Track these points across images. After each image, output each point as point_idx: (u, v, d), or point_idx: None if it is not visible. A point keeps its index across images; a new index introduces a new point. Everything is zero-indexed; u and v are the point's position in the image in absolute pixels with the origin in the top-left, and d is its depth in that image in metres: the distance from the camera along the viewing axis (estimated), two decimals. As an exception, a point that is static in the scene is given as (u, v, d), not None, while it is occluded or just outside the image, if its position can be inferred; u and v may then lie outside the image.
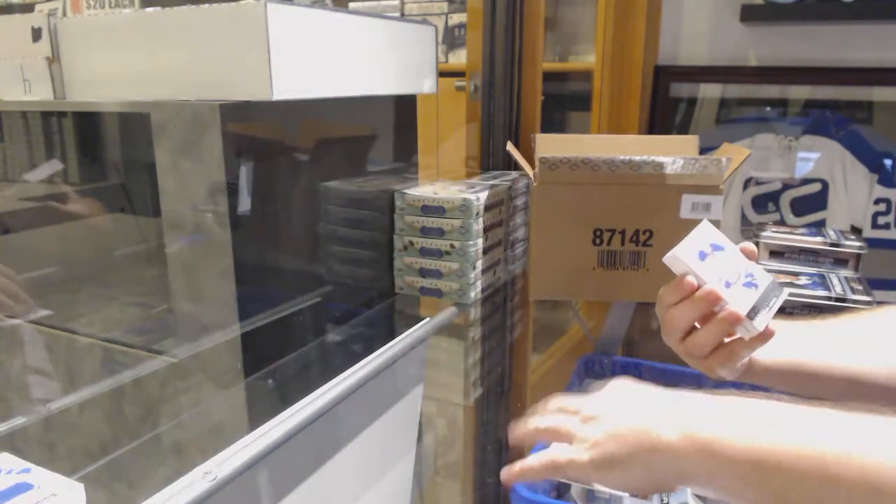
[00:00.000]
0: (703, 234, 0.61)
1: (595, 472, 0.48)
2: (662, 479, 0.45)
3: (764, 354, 0.61)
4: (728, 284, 0.59)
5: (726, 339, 0.60)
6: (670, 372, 0.93)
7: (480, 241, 0.89)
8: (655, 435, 0.45)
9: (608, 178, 0.82)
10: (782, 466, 0.38)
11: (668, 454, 0.44)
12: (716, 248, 0.60)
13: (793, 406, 0.42)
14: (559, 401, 0.56)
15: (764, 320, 0.58)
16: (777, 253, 1.02)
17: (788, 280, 0.94)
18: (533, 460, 0.53)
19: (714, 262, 0.60)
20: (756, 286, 0.60)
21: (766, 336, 0.58)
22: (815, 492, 0.37)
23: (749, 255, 0.62)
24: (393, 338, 0.77)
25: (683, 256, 0.59)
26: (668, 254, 0.60)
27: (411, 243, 0.90)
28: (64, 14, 0.90)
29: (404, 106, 0.99)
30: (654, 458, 0.45)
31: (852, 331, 0.63)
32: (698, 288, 0.58)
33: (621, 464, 0.47)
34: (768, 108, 1.70)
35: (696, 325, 0.61)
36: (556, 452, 0.51)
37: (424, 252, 0.89)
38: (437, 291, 0.90)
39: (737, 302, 0.58)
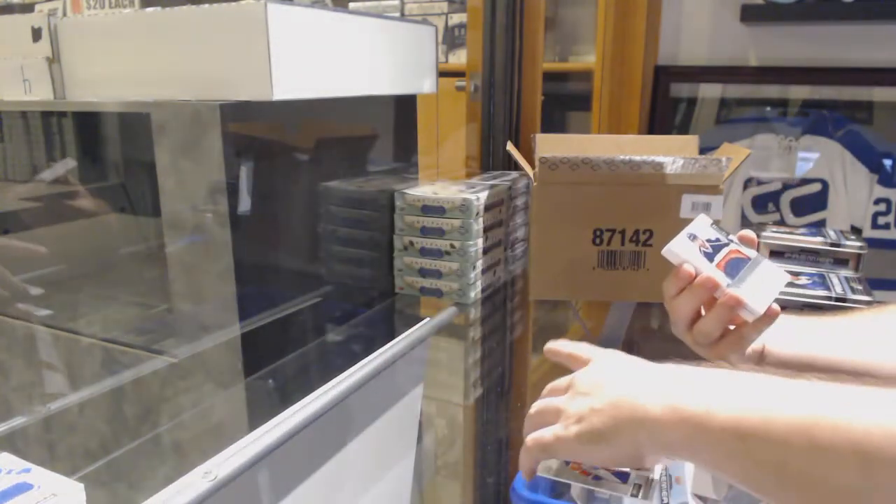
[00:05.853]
0: (699, 227, 0.62)
1: (581, 446, 0.47)
2: (648, 452, 0.45)
3: (778, 347, 0.62)
4: (727, 270, 0.60)
5: (731, 327, 0.61)
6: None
7: (480, 241, 0.89)
8: (640, 407, 0.44)
9: (608, 178, 0.82)
10: (771, 438, 0.37)
11: (652, 427, 0.43)
12: (711, 239, 0.62)
13: (781, 379, 0.42)
14: (550, 385, 0.56)
15: (765, 302, 0.59)
16: (777, 253, 1.02)
17: (788, 280, 0.94)
18: (522, 452, 0.52)
19: (711, 251, 0.61)
20: (755, 270, 0.60)
21: (770, 317, 0.59)
22: (804, 461, 0.36)
23: (748, 243, 0.63)
24: (393, 338, 0.77)
25: (679, 248, 0.61)
26: (665, 247, 0.61)
27: (411, 243, 0.90)
28: (64, 14, 0.90)
29: (404, 106, 0.99)
30: (639, 431, 0.44)
31: (865, 326, 0.64)
32: (695, 277, 0.59)
33: (607, 438, 0.46)
34: (768, 108, 1.70)
35: (702, 311, 0.62)
36: (542, 431, 0.50)
37: (424, 252, 0.89)
38: (437, 291, 0.90)
39: (736, 286, 0.59)
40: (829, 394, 0.39)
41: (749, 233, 0.63)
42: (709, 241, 0.62)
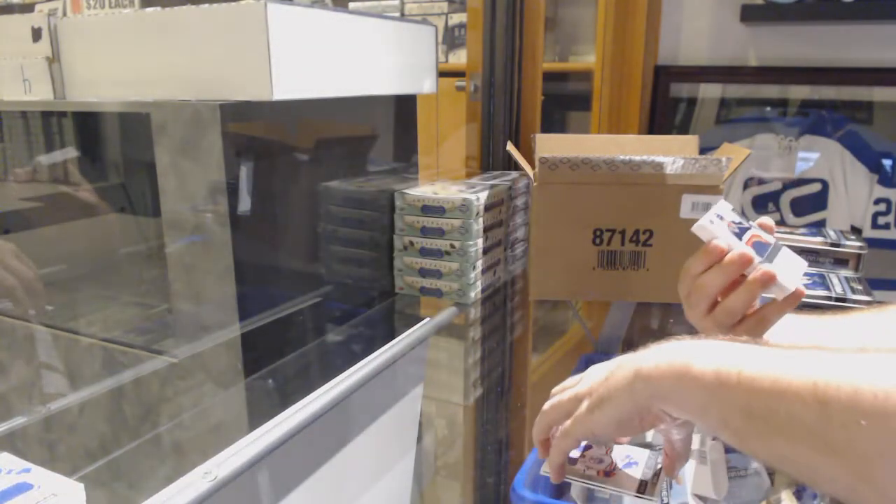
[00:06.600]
0: (723, 210, 0.63)
1: (591, 417, 0.52)
2: (645, 405, 0.49)
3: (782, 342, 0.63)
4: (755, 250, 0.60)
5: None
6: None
7: (480, 241, 0.89)
8: (636, 364, 0.50)
9: (608, 178, 0.82)
10: (743, 381, 0.42)
11: (646, 377, 0.49)
12: (735, 221, 0.62)
13: (764, 344, 0.47)
14: (559, 386, 0.60)
15: (794, 280, 0.59)
16: (777, 253, 1.02)
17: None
18: (552, 449, 0.57)
19: (738, 231, 0.61)
20: (778, 253, 0.62)
21: (797, 297, 0.60)
22: (771, 404, 0.41)
23: (766, 230, 0.63)
24: (393, 338, 0.77)
25: (709, 224, 0.61)
26: (695, 224, 0.62)
27: (411, 243, 0.90)
28: (64, 14, 0.90)
29: (404, 106, 0.99)
30: (636, 382, 0.49)
31: (865, 326, 0.65)
32: (726, 253, 0.60)
33: (610, 399, 0.51)
34: (768, 108, 1.70)
35: (719, 299, 0.62)
36: (565, 423, 0.55)
37: (424, 252, 0.89)
38: (437, 291, 0.90)
39: (767, 263, 0.59)
40: (795, 352, 0.44)
41: (768, 220, 0.64)
42: (734, 222, 0.62)
